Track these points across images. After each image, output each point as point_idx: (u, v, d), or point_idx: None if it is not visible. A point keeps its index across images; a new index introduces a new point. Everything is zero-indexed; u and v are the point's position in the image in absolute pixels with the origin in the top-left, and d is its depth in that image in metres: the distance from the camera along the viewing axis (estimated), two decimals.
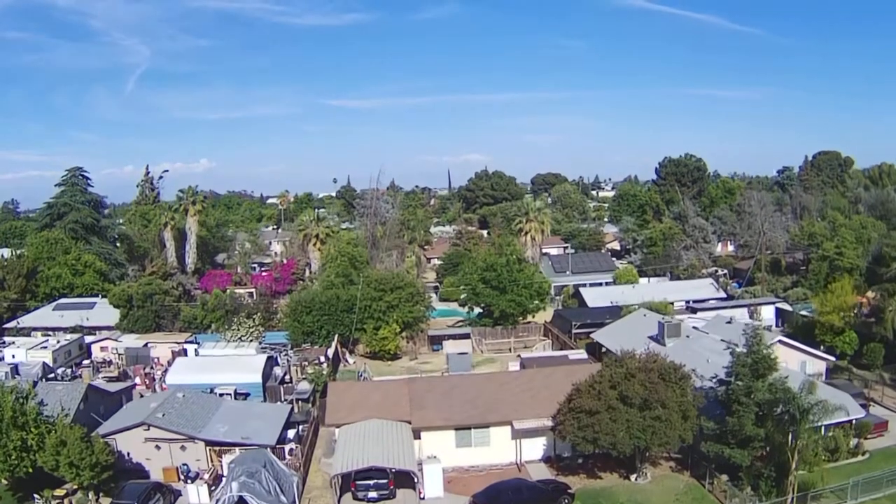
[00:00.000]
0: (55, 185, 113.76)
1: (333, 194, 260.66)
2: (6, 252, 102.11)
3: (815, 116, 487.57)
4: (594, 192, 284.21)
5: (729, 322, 59.36)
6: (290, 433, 45.22)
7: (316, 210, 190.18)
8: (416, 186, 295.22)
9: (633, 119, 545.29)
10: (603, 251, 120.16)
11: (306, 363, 60.19)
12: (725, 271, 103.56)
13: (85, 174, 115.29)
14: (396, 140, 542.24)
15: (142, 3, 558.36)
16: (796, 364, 51.98)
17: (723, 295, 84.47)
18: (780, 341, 53.10)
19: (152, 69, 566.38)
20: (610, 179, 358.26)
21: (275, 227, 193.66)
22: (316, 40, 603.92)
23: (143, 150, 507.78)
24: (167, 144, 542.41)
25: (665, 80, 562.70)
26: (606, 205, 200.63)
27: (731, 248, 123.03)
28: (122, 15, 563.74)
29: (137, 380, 60.59)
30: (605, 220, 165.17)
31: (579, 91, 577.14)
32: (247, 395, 52.13)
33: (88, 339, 71.10)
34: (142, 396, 53.56)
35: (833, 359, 55.61)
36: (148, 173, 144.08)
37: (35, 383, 44.32)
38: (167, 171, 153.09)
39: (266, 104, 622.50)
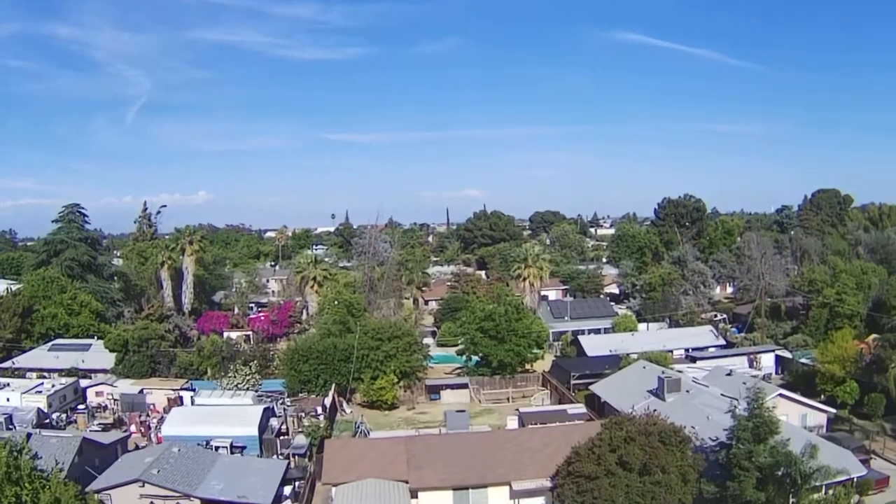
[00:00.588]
0: (52, 221, 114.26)
1: (332, 230, 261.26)
2: (3, 285, 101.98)
3: (815, 151, 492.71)
4: (593, 230, 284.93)
5: (729, 374, 59.48)
6: (287, 490, 44.67)
7: (314, 248, 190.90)
8: (415, 223, 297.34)
9: (632, 154, 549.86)
10: (601, 295, 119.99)
11: (303, 414, 59.60)
12: (724, 316, 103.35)
13: (82, 211, 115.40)
14: (395, 174, 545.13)
15: (144, 34, 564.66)
16: (797, 417, 52.07)
17: (722, 342, 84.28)
18: (780, 395, 53.08)
19: (153, 100, 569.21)
20: (609, 216, 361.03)
21: (272, 263, 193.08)
22: (316, 74, 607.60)
23: (142, 181, 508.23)
24: (166, 175, 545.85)
25: (664, 115, 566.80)
26: (605, 244, 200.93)
27: (729, 290, 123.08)
28: (124, 46, 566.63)
29: (133, 428, 60.14)
30: (604, 260, 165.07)
31: (578, 126, 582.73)
32: (243, 449, 51.52)
33: (84, 382, 70.44)
34: (137, 447, 52.99)
35: (833, 411, 55.49)
36: (145, 209, 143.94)
37: (29, 435, 43.79)
38: (165, 206, 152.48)
39: (265, 137, 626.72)
